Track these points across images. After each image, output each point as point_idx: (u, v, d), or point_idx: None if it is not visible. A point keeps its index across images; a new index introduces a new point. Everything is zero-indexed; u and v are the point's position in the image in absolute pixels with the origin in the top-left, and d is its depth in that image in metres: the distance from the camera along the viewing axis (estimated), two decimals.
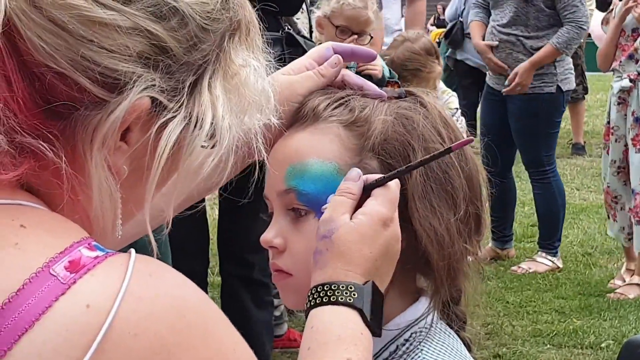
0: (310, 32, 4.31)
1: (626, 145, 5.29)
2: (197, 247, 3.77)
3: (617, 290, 5.25)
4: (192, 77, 1.00)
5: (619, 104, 5.31)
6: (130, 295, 0.89)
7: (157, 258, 0.97)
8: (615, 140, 5.34)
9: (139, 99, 0.96)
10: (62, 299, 0.88)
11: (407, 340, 1.25)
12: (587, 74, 9.69)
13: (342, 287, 1.14)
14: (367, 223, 1.16)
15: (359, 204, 1.19)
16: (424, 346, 1.25)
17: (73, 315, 0.87)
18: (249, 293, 3.71)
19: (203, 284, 3.86)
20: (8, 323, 0.87)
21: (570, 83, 5.66)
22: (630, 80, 5.24)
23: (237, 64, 1.06)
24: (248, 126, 1.09)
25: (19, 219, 0.94)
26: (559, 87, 5.59)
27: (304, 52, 1.40)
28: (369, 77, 4.06)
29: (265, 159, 1.20)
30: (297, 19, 4.12)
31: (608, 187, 5.43)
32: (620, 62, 5.35)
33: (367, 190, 1.19)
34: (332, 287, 1.14)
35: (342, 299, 1.13)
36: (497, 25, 5.73)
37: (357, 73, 4.04)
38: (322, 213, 1.22)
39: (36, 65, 0.93)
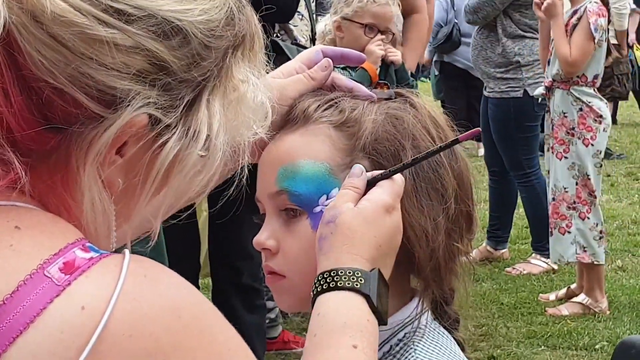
0: (312, 39, 4.29)
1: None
2: (188, 252, 3.78)
3: (554, 309, 5.06)
4: (191, 93, 1.00)
5: (547, 112, 5.19)
6: (125, 296, 0.89)
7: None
8: (547, 150, 5.18)
9: (136, 115, 0.96)
10: (56, 300, 0.88)
11: (400, 340, 1.26)
12: None
13: (349, 272, 1.14)
14: (370, 208, 1.17)
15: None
16: (417, 346, 1.25)
17: (68, 317, 0.88)
18: (239, 298, 3.72)
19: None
20: (3, 325, 0.87)
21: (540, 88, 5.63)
22: (546, 88, 5.10)
23: (237, 79, 1.05)
24: (240, 140, 1.09)
25: (13, 220, 0.94)
26: (526, 92, 5.63)
27: (288, 59, 1.40)
28: (391, 63, 4.07)
29: (248, 170, 1.20)
30: (294, 25, 4.11)
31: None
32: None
33: (371, 185, 1.21)
34: (339, 273, 1.14)
35: (348, 284, 1.13)
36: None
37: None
38: (315, 214, 1.23)
39: (34, 79, 0.93)
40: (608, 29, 5.07)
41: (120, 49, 0.94)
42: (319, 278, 1.16)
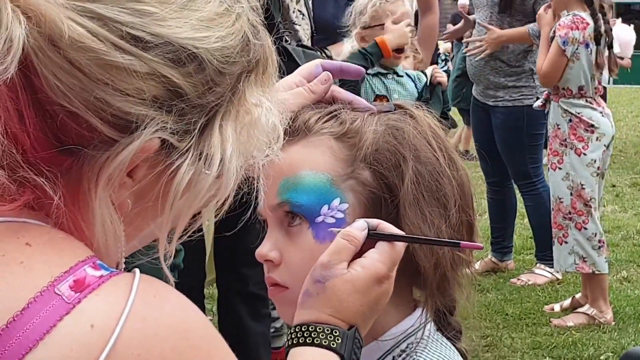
0: (312, 37, 4.31)
1: None
2: (193, 261, 3.76)
3: (559, 320, 5.08)
4: (204, 118, 1.00)
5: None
6: (135, 316, 0.90)
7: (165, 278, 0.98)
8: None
9: (149, 140, 0.96)
10: (66, 318, 0.88)
11: (403, 350, 1.26)
12: (618, 86, 9.40)
13: (327, 330, 1.15)
14: (363, 278, 1.17)
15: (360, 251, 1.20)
16: (420, 356, 1.25)
17: (77, 335, 0.88)
18: (245, 306, 3.71)
19: (199, 298, 3.86)
20: (13, 342, 0.87)
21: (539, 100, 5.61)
22: (545, 99, 5.15)
23: (250, 103, 1.05)
24: (252, 161, 1.09)
25: (24, 237, 0.94)
26: (538, 99, 5.62)
27: (297, 65, 1.41)
28: (439, 84, 4.12)
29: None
30: (298, 25, 4.11)
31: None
32: None
33: (371, 237, 1.20)
34: (317, 329, 1.15)
35: (325, 342, 1.14)
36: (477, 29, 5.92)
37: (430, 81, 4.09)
38: (317, 224, 1.23)
39: (49, 103, 0.93)
40: (607, 38, 5.06)
41: (135, 75, 0.93)
42: (296, 329, 1.17)
